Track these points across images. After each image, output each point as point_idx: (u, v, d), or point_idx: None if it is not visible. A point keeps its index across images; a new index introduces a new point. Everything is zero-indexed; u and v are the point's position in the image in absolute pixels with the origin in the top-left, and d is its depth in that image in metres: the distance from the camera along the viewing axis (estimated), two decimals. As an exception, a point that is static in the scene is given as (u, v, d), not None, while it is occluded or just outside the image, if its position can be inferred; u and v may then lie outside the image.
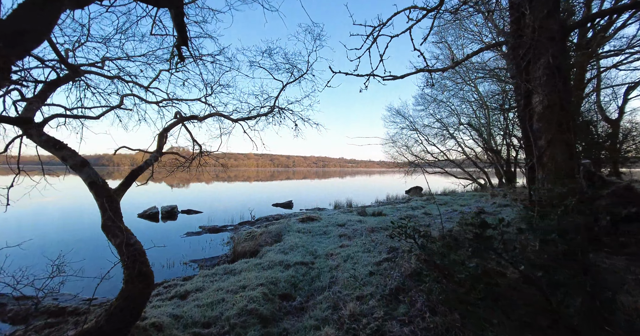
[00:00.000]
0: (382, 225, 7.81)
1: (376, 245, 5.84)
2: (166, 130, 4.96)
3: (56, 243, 8.29)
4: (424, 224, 7.45)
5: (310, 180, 52.32)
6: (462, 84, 18.89)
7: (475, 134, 22.45)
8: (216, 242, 8.55)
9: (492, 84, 19.75)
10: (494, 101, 15.27)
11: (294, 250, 5.95)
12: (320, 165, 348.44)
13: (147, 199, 18.77)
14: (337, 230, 7.72)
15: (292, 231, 7.80)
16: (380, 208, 11.69)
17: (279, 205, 16.25)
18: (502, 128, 18.23)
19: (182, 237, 9.22)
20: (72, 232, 9.76)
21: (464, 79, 18.25)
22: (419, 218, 8.73)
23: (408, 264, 4.04)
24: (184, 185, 35.16)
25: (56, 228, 10.32)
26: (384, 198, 18.96)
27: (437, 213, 9.51)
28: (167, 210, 13.20)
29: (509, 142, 17.32)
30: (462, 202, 13.24)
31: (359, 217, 9.41)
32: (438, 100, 18.89)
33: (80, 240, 8.73)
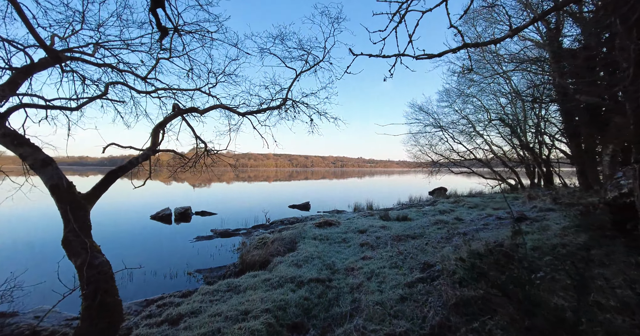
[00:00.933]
0: (410, 232, 6.90)
1: (405, 258, 4.96)
2: (161, 124, 4.30)
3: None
4: (459, 232, 6.49)
5: (328, 180, 51.54)
6: (491, 78, 17.55)
7: (505, 131, 20.98)
8: (226, 248, 7.90)
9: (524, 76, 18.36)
10: (529, 94, 13.91)
11: (309, 262, 5.16)
12: (338, 165, 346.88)
13: (163, 199, 18.57)
14: (357, 237, 6.88)
15: (307, 238, 7.03)
16: (405, 211, 10.74)
17: (296, 207, 15.55)
18: (535, 124, 16.78)
19: (192, 241, 8.64)
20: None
21: (496, 70, 16.92)
22: (450, 224, 7.74)
23: (453, 291, 3.16)
24: (206, 185, 35.23)
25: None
26: (406, 200, 17.92)
27: (469, 218, 8.49)
28: (180, 211, 12.76)
29: (541, 140, 15.89)
30: (494, 205, 12.07)
31: (381, 222, 8.52)
32: (467, 93, 17.48)
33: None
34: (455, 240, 5.90)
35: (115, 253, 7.48)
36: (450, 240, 5.95)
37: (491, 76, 17.42)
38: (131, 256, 7.24)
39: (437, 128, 20.69)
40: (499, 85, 19.64)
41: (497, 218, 8.16)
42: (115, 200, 18.31)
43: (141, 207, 15.43)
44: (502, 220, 7.95)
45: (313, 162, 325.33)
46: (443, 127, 20.53)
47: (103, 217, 12.58)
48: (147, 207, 15.07)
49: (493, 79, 18.02)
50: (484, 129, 19.53)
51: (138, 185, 5.02)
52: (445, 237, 6.25)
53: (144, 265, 6.63)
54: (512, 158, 21.79)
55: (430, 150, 21.65)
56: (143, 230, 10.16)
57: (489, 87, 19.62)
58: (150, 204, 16.25)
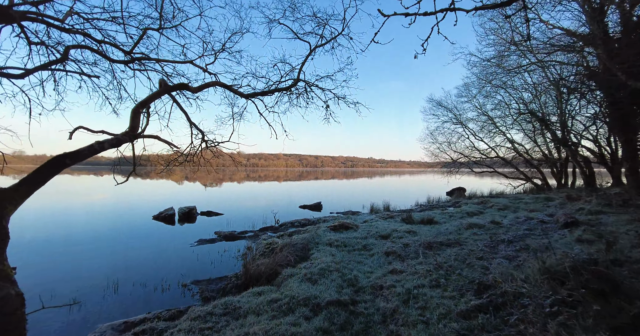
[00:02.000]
0: (442, 238, 5.87)
1: (447, 274, 3.95)
2: (143, 104, 3.43)
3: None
4: (503, 239, 5.42)
5: (338, 180, 50.53)
6: (515, 71, 16.27)
7: (527, 128, 19.61)
8: (230, 254, 7.01)
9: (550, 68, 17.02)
10: (565, 83, 12.62)
11: (326, 277, 4.20)
12: (348, 165, 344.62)
13: (171, 198, 17.90)
14: (380, 244, 5.89)
15: (321, 244, 6.08)
16: (429, 213, 9.68)
17: (307, 207, 14.62)
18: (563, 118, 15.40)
19: (193, 245, 7.79)
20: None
21: (519, 62, 15.67)
22: (488, 229, 6.67)
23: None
24: (218, 185, 34.72)
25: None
26: (424, 200, 16.76)
27: (506, 222, 7.39)
28: (184, 211, 11.97)
29: (580, 136, 14.53)
30: (525, 206, 10.88)
31: (405, 226, 7.51)
32: (494, 84, 16.23)
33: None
34: (503, 249, 4.86)
35: (106, 258, 6.68)
36: (495, 250, 4.90)
37: (516, 68, 16.17)
38: (123, 263, 6.42)
39: (457, 124, 19.45)
40: (521, 79, 18.42)
41: (540, 222, 7.04)
42: (120, 198, 17.75)
43: (145, 206, 14.75)
44: (547, 225, 6.84)
45: (323, 162, 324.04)
46: (463, 123, 19.30)
47: (102, 216, 11.91)
48: (152, 206, 14.38)
49: (516, 72, 16.81)
50: (512, 123, 18.20)
51: (119, 182, 4.15)
52: (488, 245, 5.20)
53: (136, 273, 5.81)
54: (536, 157, 20.43)
55: (449, 148, 20.41)
56: (142, 232, 9.38)
57: (510, 82, 18.40)
58: (156, 203, 15.57)
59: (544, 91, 16.31)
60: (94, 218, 11.67)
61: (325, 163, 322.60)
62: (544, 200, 12.16)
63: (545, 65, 12.71)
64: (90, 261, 6.54)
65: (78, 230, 9.51)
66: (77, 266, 6.16)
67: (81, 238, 8.52)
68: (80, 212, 12.88)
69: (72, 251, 7.26)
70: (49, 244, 7.83)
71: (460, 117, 19.66)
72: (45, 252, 7.12)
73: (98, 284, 5.21)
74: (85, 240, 8.31)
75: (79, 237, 8.58)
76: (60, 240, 8.22)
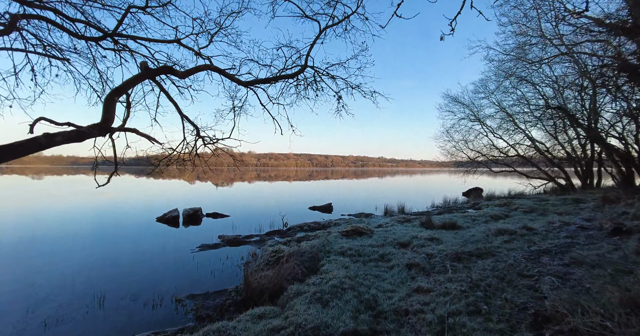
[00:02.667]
0: (471, 247, 5.14)
1: (487, 295, 3.25)
2: (119, 90, 2.87)
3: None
4: (543, 249, 4.66)
5: (348, 179, 49.74)
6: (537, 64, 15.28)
7: (548, 125, 18.55)
8: (232, 261, 6.42)
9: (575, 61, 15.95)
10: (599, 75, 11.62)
11: (339, 297, 3.55)
12: (358, 164, 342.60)
13: (179, 199, 17.51)
14: (400, 254, 5.19)
15: (333, 252, 5.43)
16: (449, 216, 8.92)
17: (317, 209, 13.97)
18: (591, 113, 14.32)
19: (194, 250, 7.24)
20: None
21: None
22: (520, 236, 5.90)
23: None
24: (229, 184, 34.49)
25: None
26: (440, 201, 15.93)
27: (540, 227, 6.59)
28: (188, 213, 11.49)
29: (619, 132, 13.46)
30: (553, 208, 10.00)
31: (426, 232, 6.79)
32: (516, 75, 15.27)
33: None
34: (547, 262, 4.11)
35: (100, 266, 6.16)
36: (538, 263, 4.16)
37: (538, 61, 15.18)
38: (117, 271, 5.89)
39: (475, 121, 18.50)
40: (542, 74, 17.40)
41: (580, 228, 6.22)
42: (127, 198, 17.45)
43: (151, 206, 14.37)
44: (589, 231, 6.02)
45: (333, 162, 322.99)
46: (481, 120, 18.34)
47: (105, 218, 11.52)
48: (158, 207, 13.99)
49: (538, 65, 15.83)
50: (532, 119, 17.15)
51: (100, 184, 3.58)
52: (527, 256, 4.45)
53: (129, 283, 5.28)
54: (558, 155, 19.34)
55: (466, 147, 19.46)
56: (143, 235, 8.90)
57: (530, 77, 17.39)
58: (162, 204, 15.19)
59: (569, 86, 15.26)
60: (95, 219, 11.28)
61: (336, 163, 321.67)
62: (572, 202, 11.23)
63: (574, 57, 11.69)
64: (82, 268, 6.04)
65: (75, 233, 9.09)
66: (65, 275, 5.66)
67: (77, 241, 8.08)
68: (82, 213, 12.54)
69: (63, 257, 6.79)
70: (38, 248, 7.40)
71: (478, 114, 18.71)
72: (30, 257, 6.67)
73: (84, 296, 4.68)
74: (80, 243, 7.85)
75: (74, 241, 8.14)
76: (53, 244, 7.78)
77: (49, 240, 8.26)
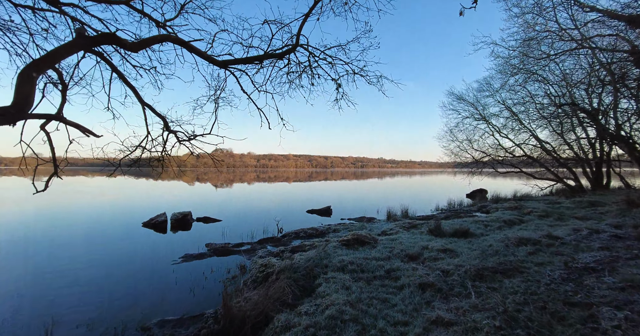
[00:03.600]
0: (493, 262, 4.37)
1: (524, 330, 2.49)
2: (39, 65, 2.10)
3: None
4: (582, 265, 3.91)
5: (348, 181, 48.97)
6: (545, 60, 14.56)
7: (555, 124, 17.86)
8: (217, 275, 5.66)
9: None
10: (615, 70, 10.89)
11: (337, 333, 2.79)
12: (358, 165, 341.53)
13: (167, 201, 16.71)
14: (409, 269, 4.43)
15: (331, 267, 4.66)
16: (458, 222, 8.17)
17: (315, 212, 13.21)
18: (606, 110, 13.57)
19: (176, 262, 6.48)
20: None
21: (546, 52, 13.97)
22: (546, 246, 5.14)
23: None
24: (229, 186, 33.79)
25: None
26: (444, 204, 15.16)
27: (565, 236, 5.83)
28: (177, 217, 10.72)
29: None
30: (571, 213, 9.25)
31: (436, 240, 6.03)
32: (525, 70, 14.55)
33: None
34: (594, 284, 3.35)
35: (62, 281, 5.37)
36: (581, 284, 3.40)
37: (546, 58, 14.46)
38: (82, 289, 5.13)
39: (480, 119, 17.77)
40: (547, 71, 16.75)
41: (615, 237, 5.46)
42: (118, 200, 16.65)
43: (141, 210, 13.58)
44: (625, 241, 5.26)
45: (333, 163, 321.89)
46: (487, 118, 17.60)
47: (88, 223, 10.71)
48: (147, 210, 13.22)
49: (546, 62, 15.10)
50: (538, 118, 16.44)
51: (38, 190, 2.82)
52: (565, 276, 3.69)
53: (91, 303, 4.52)
54: (564, 156, 18.65)
55: (470, 147, 18.72)
56: (124, 243, 8.13)
57: (537, 74, 16.73)
58: (153, 207, 14.41)
59: (582, 81, 14.55)
60: (77, 224, 10.49)
61: (335, 164, 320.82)
62: (589, 205, 10.49)
63: (593, 49, 10.95)
64: (44, 283, 5.28)
65: (50, 241, 8.31)
66: (15, 295, 4.88)
67: (49, 251, 7.30)
68: (64, 218, 11.75)
69: (24, 272, 6.01)
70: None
71: (483, 112, 17.99)
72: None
73: (31, 324, 3.91)
74: (53, 254, 7.06)
75: (46, 251, 7.36)
76: (19, 254, 7.01)
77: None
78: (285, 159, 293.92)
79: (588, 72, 15.76)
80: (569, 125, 18.59)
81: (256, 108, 4.03)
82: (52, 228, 9.75)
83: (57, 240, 8.34)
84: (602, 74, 14.63)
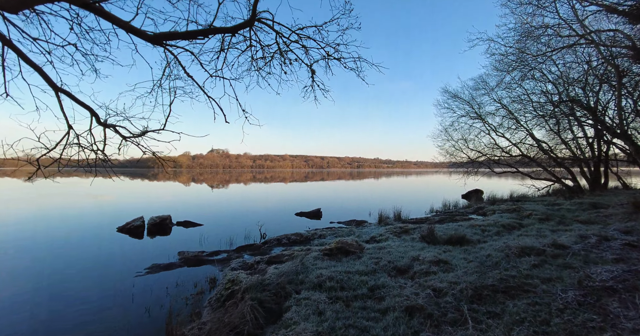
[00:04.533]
0: (492, 277, 3.76)
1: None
2: None
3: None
4: (608, 282, 3.31)
5: (344, 181, 48.39)
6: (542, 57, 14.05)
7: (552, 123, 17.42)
8: (182, 291, 4.98)
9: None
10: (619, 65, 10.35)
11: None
12: (355, 165, 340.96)
13: (152, 204, 15.95)
14: (396, 286, 3.81)
15: (306, 284, 4.03)
16: (453, 226, 7.58)
17: (304, 215, 12.57)
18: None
19: (140, 274, 5.81)
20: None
21: (542, 50, 13.48)
22: (552, 257, 4.55)
23: None
24: (224, 186, 33.10)
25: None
26: (439, 205, 14.57)
27: (572, 243, 5.25)
28: (154, 222, 10.02)
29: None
30: (572, 216, 8.71)
31: (428, 249, 5.43)
32: (525, 64, 13.99)
33: None
34: (618, 310, 2.75)
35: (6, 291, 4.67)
36: (604, 309, 2.80)
37: (541, 55, 13.97)
38: (22, 303, 4.44)
39: (476, 118, 17.24)
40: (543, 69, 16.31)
41: (629, 246, 4.88)
42: (99, 203, 15.85)
43: (121, 213, 12.84)
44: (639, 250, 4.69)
45: (329, 163, 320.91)
46: (482, 117, 17.08)
47: (60, 228, 9.95)
48: (128, 213, 12.48)
49: (543, 59, 14.59)
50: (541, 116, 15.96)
51: None
52: (580, 298, 3.09)
53: (29, 323, 3.85)
54: (561, 155, 18.23)
55: (466, 146, 18.19)
56: (92, 251, 7.44)
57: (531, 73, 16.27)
58: (135, 210, 13.69)
59: (574, 81, 14.08)
60: (46, 230, 9.74)
61: (332, 164, 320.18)
62: (590, 208, 9.96)
63: (596, 43, 10.41)
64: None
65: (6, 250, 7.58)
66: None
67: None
68: (34, 222, 10.99)
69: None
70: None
71: (479, 111, 17.47)
72: None
73: None
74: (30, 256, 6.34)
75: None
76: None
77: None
78: (282, 160, 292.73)
79: (585, 69, 15.36)
80: (565, 124, 18.18)
81: (208, 98, 3.38)
82: (16, 233, 9.01)
83: (13, 247, 7.62)
84: (600, 71, 14.21)
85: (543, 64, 15.79)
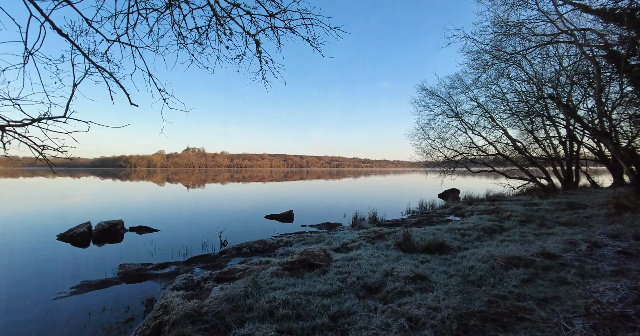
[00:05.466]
0: (479, 300, 3.11)
1: None
2: None
3: None
4: (617, 306, 2.71)
5: (324, 180, 47.74)
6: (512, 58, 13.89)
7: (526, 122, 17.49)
8: (107, 318, 4.05)
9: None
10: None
11: None
12: (334, 165, 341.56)
13: (108, 207, 14.55)
14: (363, 314, 3.08)
15: (254, 312, 3.23)
16: (431, 230, 6.99)
17: (275, 217, 11.71)
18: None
19: (63, 294, 4.80)
20: None
21: (515, 49, 13.30)
22: (543, 270, 3.99)
23: None
24: (201, 186, 31.50)
25: None
26: (416, 205, 14.11)
27: (562, 251, 4.73)
28: (102, 228, 8.88)
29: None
30: (552, 217, 8.39)
31: (404, 259, 4.75)
32: (505, 60, 13.70)
33: None
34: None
35: None
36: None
37: (516, 53, 13.77)
38: None
39: (453, 116, 16.97)
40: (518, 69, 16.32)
41: (623, 254, 4.39)
42: (44, 206, 14.24)
43: (70, 218, 11.50)
44: (636, 258, 4.22)
45: (308, 162, 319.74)
46: (459, 115, 16.83)
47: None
48: (77, 218, 11.18)
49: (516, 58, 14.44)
50: (516, 114, 15.87)
51: None
52: (587, 331, 2.47)
53: None
54: (534, 154, 18.38)
55: (442, 145, 17.92)
56: (16, 265, 6.31)
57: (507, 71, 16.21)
58: (88, 214, 12.33)
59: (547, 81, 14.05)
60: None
61: (311, 164, 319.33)
62: (568, 208, 9.71)
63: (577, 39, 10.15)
64: None
65: None
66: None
67: None
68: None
69: None
70: None
71: (456, 109, 17.21)
72: None
73: None
74: None
75: None
76: None
77: None
78: (260, 159, 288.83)
79: (557, 70, 15.43)
80: (539, 123, 18.33)
81: (97, 68, 2.49)
82: None
83: None
84: (572, 70, 14.25)
85: (518, 63, 15.72)
